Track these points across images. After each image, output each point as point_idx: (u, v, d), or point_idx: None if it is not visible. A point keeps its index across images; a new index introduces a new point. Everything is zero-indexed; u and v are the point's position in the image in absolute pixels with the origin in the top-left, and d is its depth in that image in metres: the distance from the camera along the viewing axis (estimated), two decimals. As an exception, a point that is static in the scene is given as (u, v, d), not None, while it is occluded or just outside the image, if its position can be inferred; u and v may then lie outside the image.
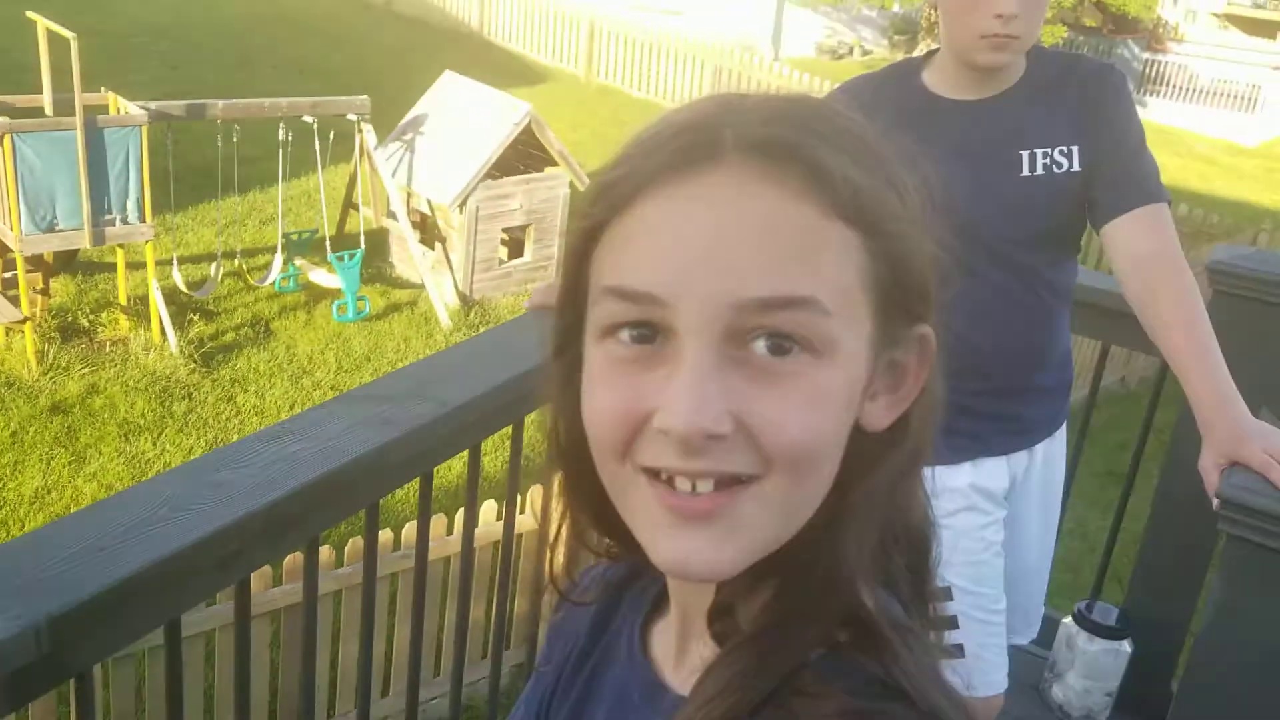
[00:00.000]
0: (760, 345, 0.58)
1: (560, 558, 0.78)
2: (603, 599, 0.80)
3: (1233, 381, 1.62)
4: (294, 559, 4.16)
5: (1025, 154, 1.81)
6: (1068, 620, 2.56)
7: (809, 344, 0.58)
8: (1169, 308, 1.70)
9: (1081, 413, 2.84)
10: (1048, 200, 1.82)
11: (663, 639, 0.73)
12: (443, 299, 8.59)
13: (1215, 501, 1.53)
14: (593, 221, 0.62)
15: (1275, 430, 1.56)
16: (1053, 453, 2.02)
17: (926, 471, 0.68)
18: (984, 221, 1.81)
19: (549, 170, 9.05)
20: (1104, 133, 1.80)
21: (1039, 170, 1.81)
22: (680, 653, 0.70)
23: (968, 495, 1.89)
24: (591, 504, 0.70)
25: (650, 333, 0.59)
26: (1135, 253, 1.76)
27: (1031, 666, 2.61)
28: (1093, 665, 2.48)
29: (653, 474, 0.60)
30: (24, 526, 5.78)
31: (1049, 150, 1.80)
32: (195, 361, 7.43)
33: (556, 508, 0.74)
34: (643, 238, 0.60)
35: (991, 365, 1.83)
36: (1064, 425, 2.05)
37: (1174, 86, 20.59)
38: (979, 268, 1.78)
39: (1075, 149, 1.80)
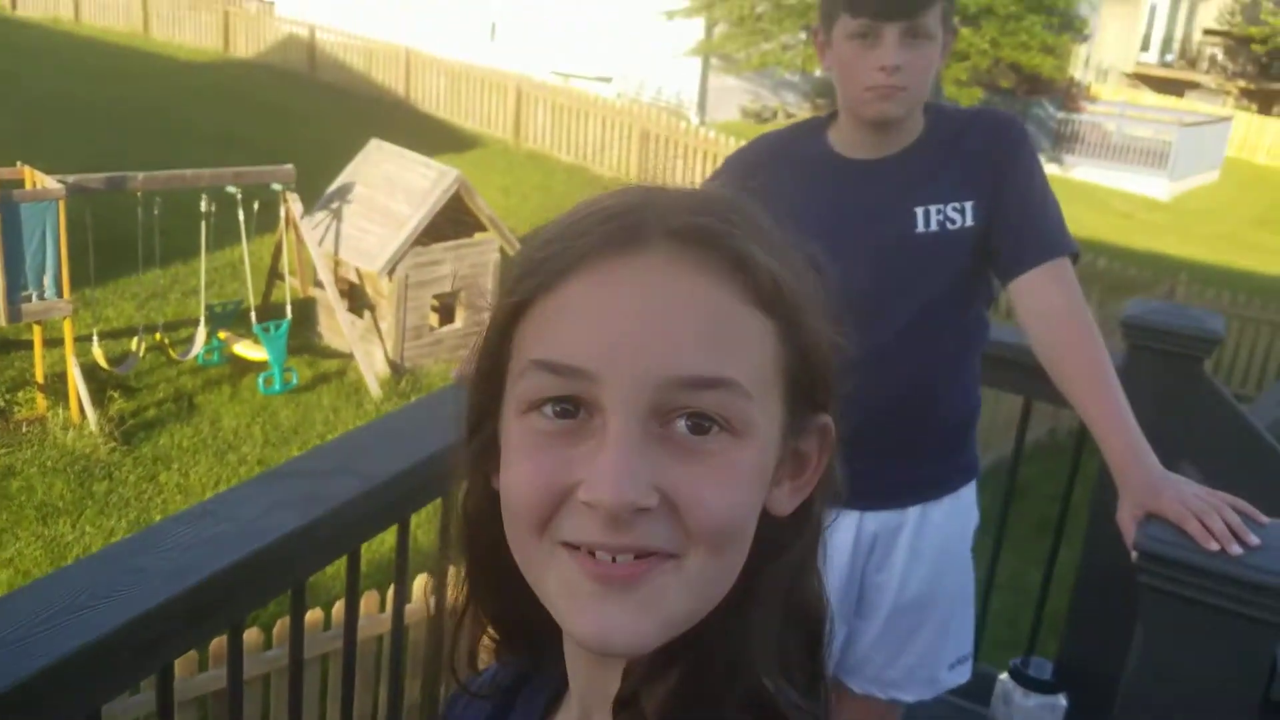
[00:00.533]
0: (682, 424, 0.60)
1: (463, 645, 0.77)
2: (495, 701, 0.79)
3: (1142, 435, 1.65)
4: (219, 643, 4.04)
5: (920, 210, 1.83)
6: (1004, 676, 2.57)
7: (729, 425, 0.60)
8: (1076, 363, 1.73)
9: (1008, 467, 2.88)
10: (943, 256, 1.84)
11: None
12: (372, 368, 8.51)
13: (1134, 554, 1.55)
14: (519, 298, 0.64)
15: (1188, 481, 1.59)
16: (935, 522, 1.97)
17: None
18: (880, 282, 1.83)
19: (479, 236, 9.05)
20: (1004, 186, 1.82)
21: (933, 226, 1.83)
22: None
23: None
24: (494, 590, 0.71)
25: (573, 408, 0.60)
26: (1041, 309, 1.78)
27: (970, 724, 2.61)
28: (1030, 720, 2.49)
29: (572, 548, 0.61)
30: (-65, 615, 5.55)
31: (942, 207, 1.82)
32: (116, 440, 7.25)
33: (457, 594, 0.74)
34: (572, 314, 0.61)
35: (864, 422, 1.82)
36: (958, 496, 2.00)
37: (1089, 144, 21.25)
38: (873, 329, 1.77)
39: (969, 205, 1.82)
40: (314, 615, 4.23)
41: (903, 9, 1.71)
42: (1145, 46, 29.67)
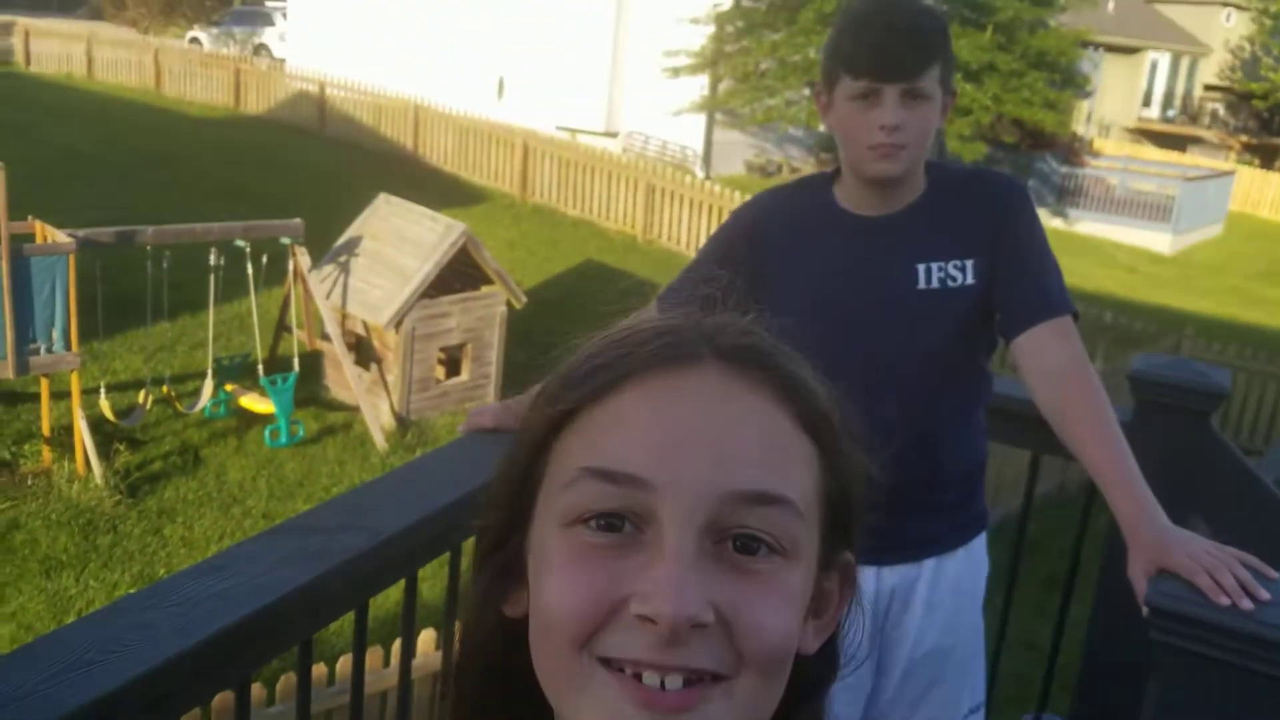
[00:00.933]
0: (733, 544, 0.58)
1: None
2: None
3: (1150, 490, 1.65)
4: (224, 698, 4.01)
5: (921, 268, 1.85)
6: (1015, 733, 2.54)
7: (779, 545, 0.59)
8: (1082, 420, 1.73)
9: (1017, 521, 2.87)
10: (943, 314, 1.86)
11: None
12: (378, 420, 8.52)
13: (1145, 610, 1.55)
14: (565, 407, 0.62)
15: (1197, 536, 1.59)
16: (949, 574, 1.99)
17: None
18: (882, 337, 1.84)
19: (485, 289, 9.10)
20: (1005, 246, 1.85)
21: (934, 284, 1.85)
22: None
23: None
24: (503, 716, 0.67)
25: (620, 521, 0.59)
26: (1044, 367, 1.79)
27: (981, 782, 2.57)
28: (1042, 779, 2.46)
29: (611, 667, 0.58)
30: (-63, 670, 5.52)
31: (944, 264, 1.84)
32: (121, 493, 7.24)
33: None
34: (628, 424, 0.60)
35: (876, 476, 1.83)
36: (970, 548, 2.01)
37: (1092, 198, 21.38)
38: (876, 385, 1.79)
39: (969, 263, 1.84)
40: (318, 670, 4.20)
41: (901, 71, 1.74)
42: (1147, 102, 29.95)
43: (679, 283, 1.93)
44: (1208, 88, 31.16)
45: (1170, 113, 30.47)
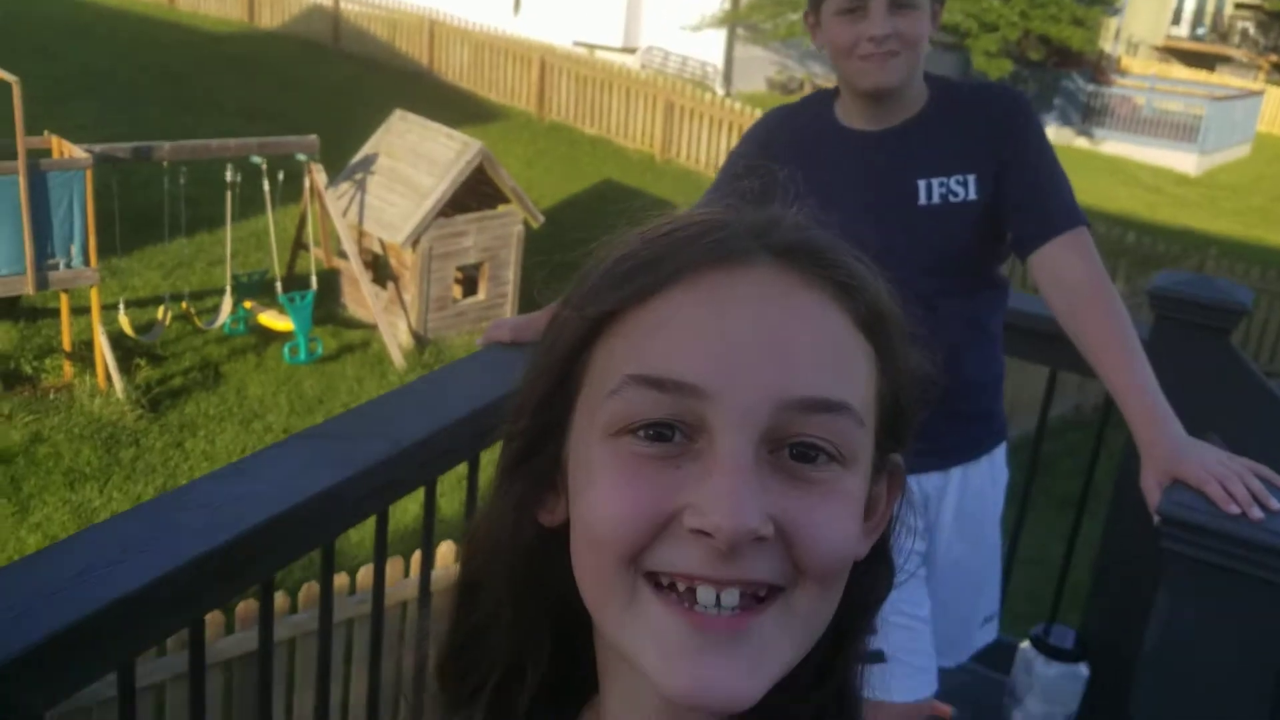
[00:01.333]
0: (788, 451, 0.56)
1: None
2: None
3: (1166, 401, 1.65)
4: (245, 607, 4.10)
5: (922, 183, 1.84)
6: (1025, 645, 2.57)
7: (838, 453, 0.57)
8: (1099, 330, 1.73)
9: (1032, 441, 2.88)
10: (946, 229, 1.85)
11: None
12: (396, 339, 8.55)
13: (1156, 518, 1.56)
14: (605, 309, 0.59)
15: (1211, 447, 1.59)
16: (974, 483, 2.02)
17: None
18: (887, 250, 1.83)
19: (502, 208, 9.06)
20: (1009, 160, 1.82)
21: (935, 199, 1.84)
22: None
23: None
24: (529, 635, 0.65)
25: (669, 431, 0.56)
26: (1062, 280, 1.78)
27: (990, 691, 2.62)
28: (1051, 689, 2.50)
29: (659, 584, 0.56)
30: (-33, 578, 5.64)
31: (945, 179, 1.83)
32: (142, 407, 7.32)
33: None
34: (677, 327, 0.56)
35: None
36: (993, 457, 2.04)
37: (1118, 117, 21.02)
38: None
39: (971, 178, 1.83)
40: (339, 579, 4.28)
41: None
42: (1176, 20, 29.29)
43: (705, 198, 1.93)
44: (1238, 5, 30.42)
45: (1200, 30, 29.80)
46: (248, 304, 8.35)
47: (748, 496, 0.54)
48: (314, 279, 8.48)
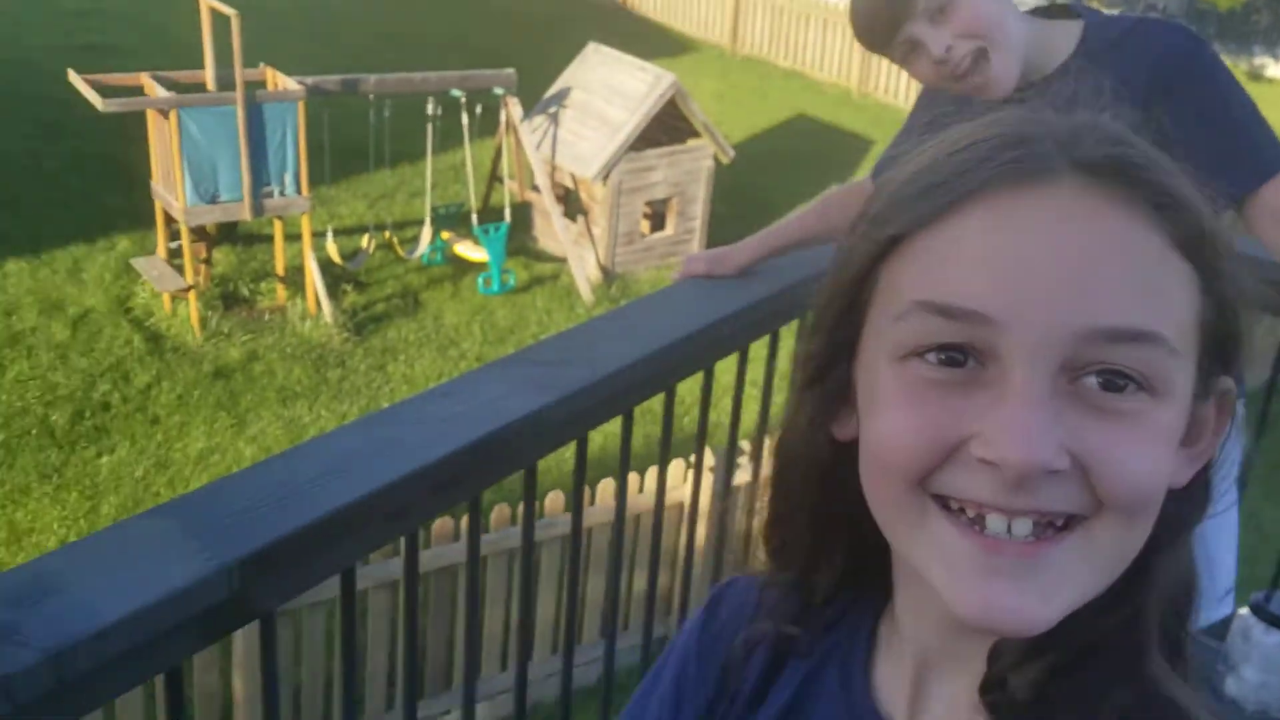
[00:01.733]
0: (1093, 380, 0.53)
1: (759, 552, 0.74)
2: (777, 632, 0.73)
3: None
4: (440, 525, 4.27)
5: None
6: (1244, 611, 2.43)
7: (1148, 383, 0.53)
8: None
9: (1259, 400, 2.70)
10: None
11: (888, 684, 0.68)
12: (584, 272, 8.67)
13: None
14: (894, 230, 0.57)
15: None
16: None
17: None
18: None
19: (691, 142, 9.02)
20: (1179, 107, 1.55)
21: None
22: (916, 700, 0.66)
23: None
24: (806, 541, 0.68)
25: (961, 356, 0.54)
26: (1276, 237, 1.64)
27: (1204, 659, 2.49)
28: (1270, 658, 2.36)
29: (948, 506, 0.55)
30: (188, 485, 6.08)
31: None
32: (348, 331, 7.67)
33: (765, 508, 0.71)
34: (968, 253, 0.54)
35: None
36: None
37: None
38: None
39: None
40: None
41: (892, 19, 1.67)
42: None
43: (890, 152, 1.86)
44: None
45: None
46: (445, 235, 8.60)
47: (1039, 430, 0.51)
48: (508, 211, 8.66)
